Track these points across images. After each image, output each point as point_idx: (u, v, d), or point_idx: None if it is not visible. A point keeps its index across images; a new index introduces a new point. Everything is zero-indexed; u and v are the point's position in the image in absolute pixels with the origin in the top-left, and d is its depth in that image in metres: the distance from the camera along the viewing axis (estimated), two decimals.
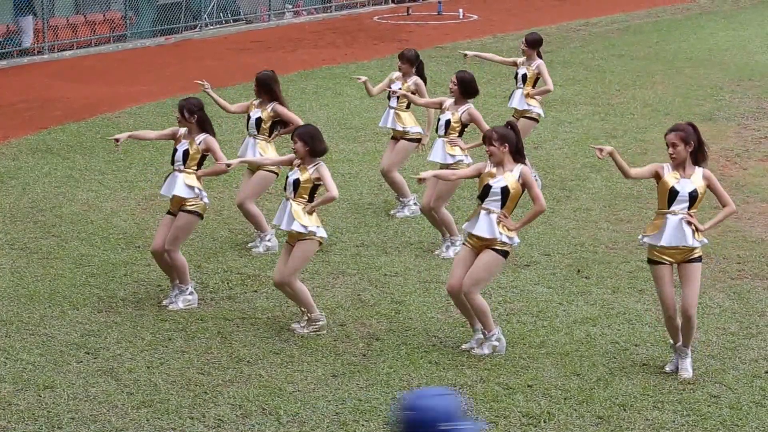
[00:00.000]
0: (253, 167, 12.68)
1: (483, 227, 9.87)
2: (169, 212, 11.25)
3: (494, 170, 9.98)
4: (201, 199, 11.13)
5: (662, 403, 9.20)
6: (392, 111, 14.12)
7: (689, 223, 9.42)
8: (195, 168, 11.14)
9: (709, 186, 9.48)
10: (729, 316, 11.03)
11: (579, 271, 12.22)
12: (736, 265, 12.45)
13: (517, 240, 10.01)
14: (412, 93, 14.03)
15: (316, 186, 10.47)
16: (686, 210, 9.43)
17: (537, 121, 15.43)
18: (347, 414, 8.99)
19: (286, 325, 10.70)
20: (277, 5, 33.10)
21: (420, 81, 14.12)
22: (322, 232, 10.47)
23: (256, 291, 11.63)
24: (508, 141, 9.92)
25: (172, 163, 11.24)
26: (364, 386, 9.47)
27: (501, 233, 9.82)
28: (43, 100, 21.39)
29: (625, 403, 9.20)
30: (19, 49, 25.98)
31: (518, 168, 9.94)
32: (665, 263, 9.52)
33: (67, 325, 10.71)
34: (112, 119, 19.50)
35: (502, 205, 9.89)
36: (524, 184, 9.92)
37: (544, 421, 8.90)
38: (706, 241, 9.59)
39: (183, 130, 11.26)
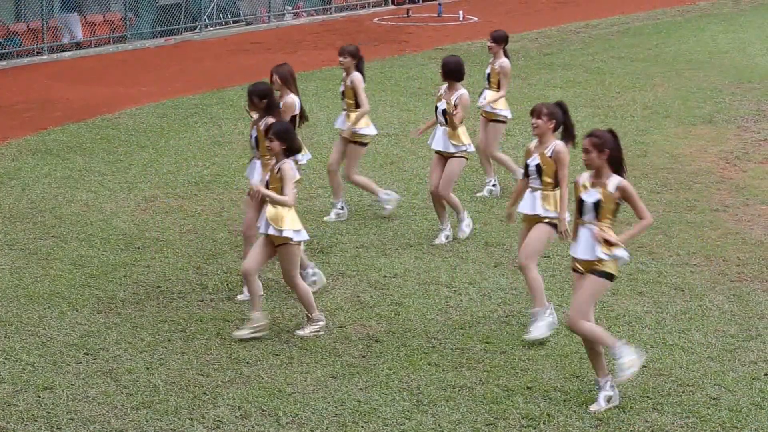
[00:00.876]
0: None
1: (526, 205, 10.45)
2: (248, 193, 11.28)
3: (533, 148, 10.45)
4: None
5: (661, 405, 9.21)
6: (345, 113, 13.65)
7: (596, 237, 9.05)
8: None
9: (624, 197, 9.07)
10: (728, 319, 11.03)
11: None
12: (735, 267, 12.45)
13: (565, 216, 10.41)
14: (351, 90, 13.47)
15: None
16: (594, 220, 9.10)
17: (504, 123, 15.11)
18: (347, 415, 8.99)
19: (285, 327, 10.70)
20: (277, 6, 33.10)
21: (358, 77, 13.48)
22: (302, 236, 10.31)
23: None
24: (556, 118, 10.33)
25: (251, 148, 11.50)
26: (363, 388, 9.47)
27: (547, 210, 10.33)
28: (42, 100, 21.40)
29: (625, 405, 9.20)
30: (20, 50, 25.99)
31: (553, 144, 10.37)
32: (579, 272, 9.22)
33: (66, 325, 10.71)
34: (112, 120, 19.50)
35: (540, 182, 10.37)
36: (555, 161, 10.34)
37: (544, 423, 8.90)
38: (622, 255, 9.03)
39: (254, 116, 11.34)
